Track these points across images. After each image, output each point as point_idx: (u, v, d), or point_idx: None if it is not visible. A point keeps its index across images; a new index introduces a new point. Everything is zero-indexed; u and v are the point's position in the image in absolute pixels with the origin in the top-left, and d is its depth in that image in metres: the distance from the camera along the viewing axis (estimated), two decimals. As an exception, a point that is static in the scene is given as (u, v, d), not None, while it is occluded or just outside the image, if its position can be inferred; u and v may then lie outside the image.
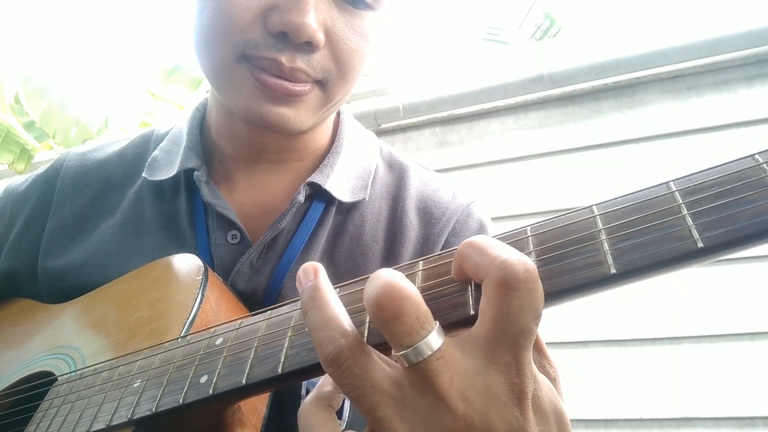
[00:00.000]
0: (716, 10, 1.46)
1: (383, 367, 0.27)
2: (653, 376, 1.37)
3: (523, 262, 0.26)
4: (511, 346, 0.25)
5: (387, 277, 0.26)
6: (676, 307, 1.38)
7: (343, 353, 0.27)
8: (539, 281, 0.26)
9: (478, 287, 0.28)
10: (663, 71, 1.50)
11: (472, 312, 0.28)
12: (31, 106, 2.98)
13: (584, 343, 1.44)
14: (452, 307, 0.29)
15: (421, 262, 0.32)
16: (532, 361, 0.27)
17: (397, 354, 0.26)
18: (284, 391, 0.49)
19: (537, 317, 0.26)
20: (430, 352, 0.25)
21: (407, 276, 0.32)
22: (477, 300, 0.28)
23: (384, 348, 0.29)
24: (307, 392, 0.50)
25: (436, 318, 0.27)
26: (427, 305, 0.27)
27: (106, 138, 2.64)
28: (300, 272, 0.31)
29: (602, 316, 1.43)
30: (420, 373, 0.26)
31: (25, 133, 2.87)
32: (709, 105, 1.46)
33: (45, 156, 2.69)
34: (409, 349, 0.26)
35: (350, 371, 0.27)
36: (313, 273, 0.30)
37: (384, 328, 0.26)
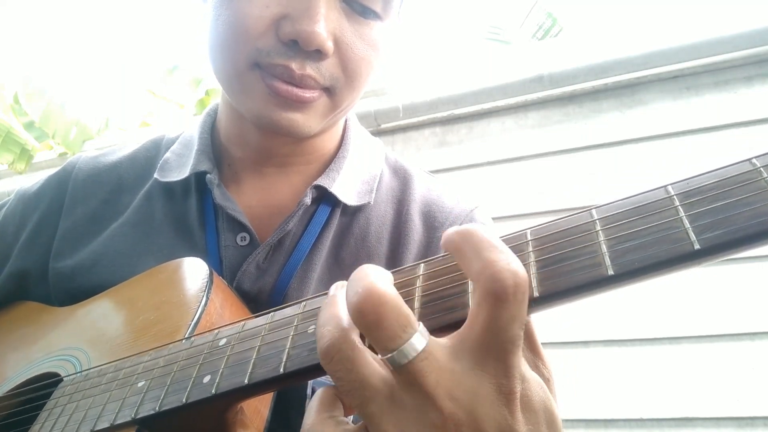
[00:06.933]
0: (716, 10, 1.46)
1: (374, 366, 0.28)
2: (653, 376, 1.37)
3: (514, 272, 0.26)
4: (500, 353, 0.26)
5: (367, 280, 0.27)
6: (676, 307, 1.38)
7: (334, 346, 0.27)
8: (527, 290, 0.26)
9: None
10: (663, 71, 1.50)
11: None
12: (31, 106, 2.98)
13: (584, 343, 1.44)
14: (451, 308, 0.29)
15: (422, 265, 0.33)
16: (522, 362, 0.27)
17: (383, 357, 0.27)
18: (290, 394, 0.49)
19: (523, 324, 0.26)
20: (414, 354, 0.26)
21: (408, 279, 0.32)
22: None
23: None
24: (313, 392, 0.50)
25: (433, 318, 0.28)
26: (427, 306, 0.27)
27: (108, 138, 2.64)
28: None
29: (602, 316, 1.43)
30: (407, 374, 0.26)
31: (25, 133, 2.87)
32: (709, 105, 1.46)
33: (45, 156, 2.69)
34: (394, 353, 0.26)
35: (342, 365, 0.27)
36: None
37: (367, 334, 0.27)
